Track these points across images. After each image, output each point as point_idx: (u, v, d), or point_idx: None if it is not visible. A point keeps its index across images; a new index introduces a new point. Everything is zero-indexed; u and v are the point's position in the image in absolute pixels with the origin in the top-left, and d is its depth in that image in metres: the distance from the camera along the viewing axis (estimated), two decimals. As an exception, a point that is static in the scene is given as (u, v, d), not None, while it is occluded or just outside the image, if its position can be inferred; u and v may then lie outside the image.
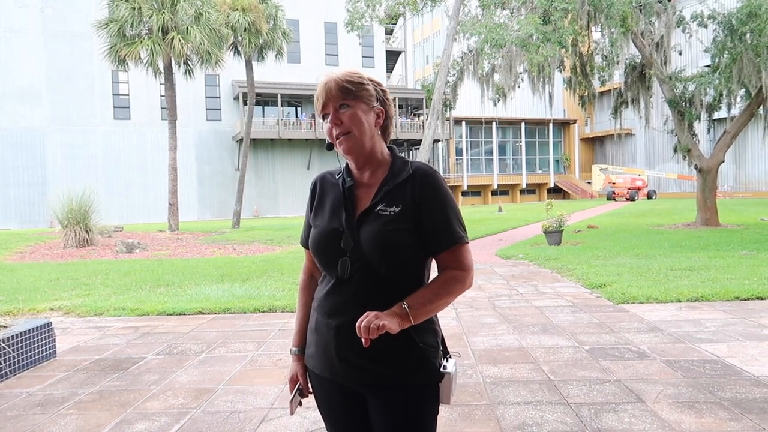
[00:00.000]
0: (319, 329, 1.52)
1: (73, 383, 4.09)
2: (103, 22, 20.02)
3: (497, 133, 48.07)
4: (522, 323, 5.53)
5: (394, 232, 1.42)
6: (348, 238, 1.44)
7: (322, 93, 1.46)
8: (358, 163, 1.50)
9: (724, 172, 38.75)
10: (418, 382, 1.47)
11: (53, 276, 9.62)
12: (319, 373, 1.54)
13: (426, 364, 1.47)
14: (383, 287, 1.44)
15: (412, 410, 1.46)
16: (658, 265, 8.81)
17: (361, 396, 1.51)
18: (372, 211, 1.45)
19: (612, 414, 3.24)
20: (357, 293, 1.44)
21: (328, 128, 1.47)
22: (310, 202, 1.60)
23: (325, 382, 1.54)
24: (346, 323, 1.44)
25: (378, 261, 1.42)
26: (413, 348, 1.46)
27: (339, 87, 1.45)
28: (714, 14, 15.69)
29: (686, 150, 16.78)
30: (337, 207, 1.50)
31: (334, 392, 1.54)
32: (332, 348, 1.47)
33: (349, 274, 1.44)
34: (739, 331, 4.99)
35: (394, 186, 1.47)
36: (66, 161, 32.01)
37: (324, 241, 1.48)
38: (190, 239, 17.55)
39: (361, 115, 1.45)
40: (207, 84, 34.58)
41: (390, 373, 1.45)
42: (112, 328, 5.88)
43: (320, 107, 1.48)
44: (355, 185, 1.52)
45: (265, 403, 3.59)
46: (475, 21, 16.47)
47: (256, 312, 6.42)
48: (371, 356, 1.43)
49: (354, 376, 1.47)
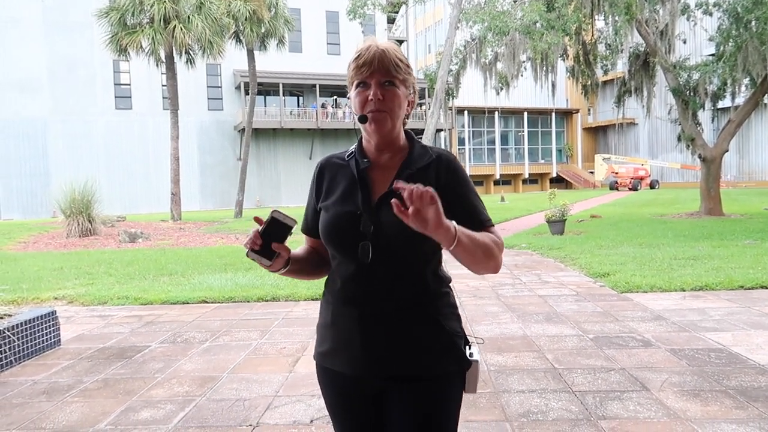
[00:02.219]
0: (338, 322, 1.43)
1: (78, 371, 4.10)
2: (103, 11, 19.92)
3: (500, 122, 47.93)
4: (526, 312, 5.52)
5: None
6: (367, 221, 1.36)
7: (371, 61, 1.36)
8: (380, 145, 1.42)
9: (727, 162, 38.61)
10: (447, 371, 1.41)
11: (57, 265, 9.64)
12: (338, 369, 1.44)
13: (454, 351, 1.42)
14: (406, 273, 1.38)
15: (439, 401, 1.40)
16: (661, 254, 8.79)
17: (378, 393, 1.43)
18: (393, 194, 1.31)
19: (617, 402, 3.23)
20: (380, 279, 1.37)
21: (362, 98, 1.37)
22: (315, 186, 1.50)
23: (342, 379, 1.44)
24: (370, 312, 1.37)
25: (401, 244, 1.34)
26: (441, 334, 1.41)
27: (391, 62, 1.37)
28: (719, 2, 15.55)
29: (690, 139, 16.70)
30: (352, 189, 1.41)
31: (350, 390, 1.45)
32: (356, 340, 1.39)
33: (371, 258, 1.35)
34: (744, 319, 4.98)
35: (417, 170, 1.41)
36: (68, 151, 32.00)
37: (339, 224, 1.39)
38: (193, 229, 17.56)
39: (401, 98, 1.39)
40: (208, 73, 34.47)
41: (420, 363, 1.38)
42: (116, 316, 5.89)
43: (363, 74, 1.36)
44: (370, 167, 1.44)
45: (269, 390, 3.59)
46: (478, 9, 16.36)
47: (259, 301, 6.43)
48: (400, 345, 1.37)
49: (381, 369, 1.39)
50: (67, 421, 3.21)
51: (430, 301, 1.42)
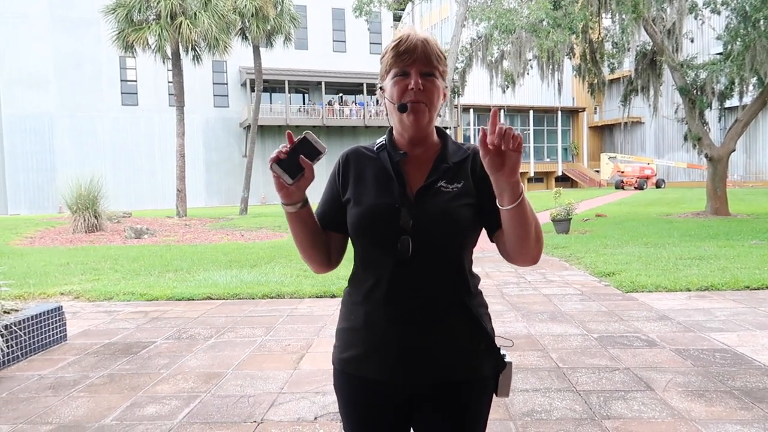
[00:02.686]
0: (371, 324, 1.33)
1: (84, 366, 4.12)
2: (110, 8, 19.97)
3: (505, 120, 47.80)
4: (530, 311, 5.52)
5: (460, 208, 1.32)
6: (406, 214, 1.29)
7: (413, 49, 1.31)
8: (415, 137, 1.36)
9: (734, 161, 38.40)
10: (486, 373, 1.36)
11: (63, 261, 9.69)
12: (370, 376, 1.34)
13: (492, 353, 1.37)
14: (447, 269, 1.32)
15: (474, 407, 1.35)
16: (667, 254, 8.77)
17: (407, 401, 1.36)
18: (432, 188, 1.33)
19: (621, 402, 3.23)
20: (420, 277, 1.30)
21: (401, 87, 1.31)
22: (341, 177, 1.40)
23: (371, 386, 1.35)
24: (410, 313, 1.30)
25: (442, 238, 1.30)
26: (481, 336, 1.35)
27: (432, 52, 1.33)
28: (727, 0, 15.45)
29: (696, 138, 16.61)
30: (386, 182, 1.34)
31: (379, 398, 1.35)
32: (394, 344, 1.30)
33: (411, 254, 1.28)
34: (750, 320, 4.97)
35: (453, 164, 1.36)
36: (74, 147, 32.12)
37: (376, 217, 1.30)
38: (198, 225, 17.61)
39: (440, 90, 1.35)
40: (214, 70, 34.52)
41: (460, 368, 1.33)
42: (122, 312, 5.92)
43: (404, 62, 1.32)
44: (403, 161, 1.37)
45: (274, 387, 3.61)
46: (485, 6, 16.31)
47: (264, 298, 6.44)
48: (442, 349, 1.31)
49: (420, 376, 1.31)
50: (73, 415, 3.23)
51: (469, 300, 1.36)
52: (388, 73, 1.35)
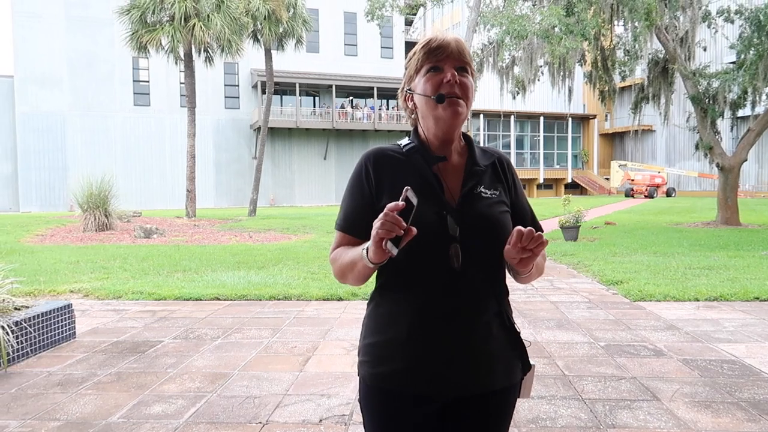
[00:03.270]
0: (417, 337, 1.27)
1: (92, 364, 4.16)
2: (124, 9, 20.15)
3: (515, 126, 47.73)
4: (537, 318, 5.51)
5: (501, 214, 1.32)
6: (452, 222, 1.26)
7: (447, 45, 1.31)
8: (447, 135, 1.33)
9: (746, 171, 38.08)
10: (518, 378, 1.37)
11: (73, 259, 9.77)
12: (414, 389, 1.29)
13: (523, 358, 1.38)
14: (492, 277, 1.30)
15: (504, 412, 1.36)
16: (676, 263, 8.72)
17: (442, 410, 1.33)
18: (473, 192, 1.31)
19: (627, 411, 3.22)
20: (467, 285, 1.27)
21: (436, 81, 1.29)
22: (374, 180, 1.32)
23: (408, 399, 1.30)
24: (459, 325, 1.27)
25: (488, 246, 1.27)
26: (516, 342, 1.36)
27: (465, 49, 1.33)
28: (741, 9, 15.37)
29: (708, 148, 16.51)
30: (425, 186, 1.27)
31: (417, 410, 1.30)
32: (440, 356, 1.27)
33: (460, 263, 1.25)
34: (759, 331, 4.93)
35: (485, 167, 1.36)
36: (86, 146, 32.40)
37: (423, 225, 1.19)
38: (207, 226, 17.70)
39: (473, 87, 1.33)
40: (226, 72, 34.73)
41: (498, 376, 1.32)
42: (130, 311, 5.96)
43: (438, 57, 1.30)
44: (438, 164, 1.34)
45: (279, 389, 3.62)
46: (497, 12, 16.32)
47: (271, 299, 6.47)
48: (486, 359, 1.30)
49: (466, 384, 1.29)
50: (81, 412, 3.26)
51: (506, 308, 1.36)
52: (418, 72, 1.33)
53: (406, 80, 1.38)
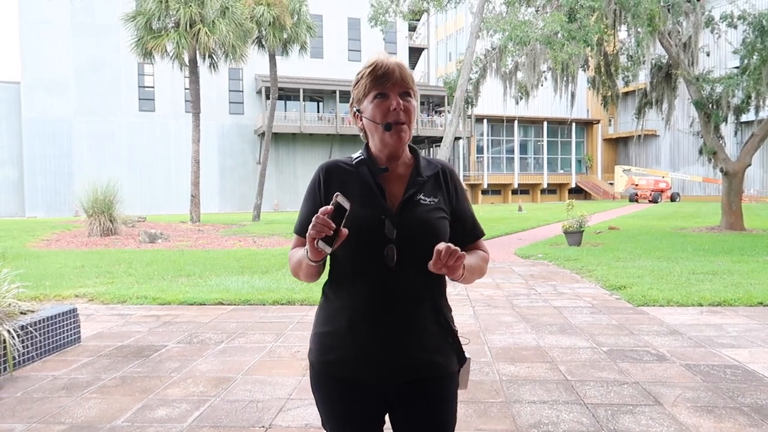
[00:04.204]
0: (356, 330, 1.41)
1: (97, 368, 4.19)
2: (130, 15, 20.31)
3: (519, 131, 47.75)
4: (540, 323, 5.51)
5: (438, 220, 1.46)
6: (390, 225, 1.40)
7: (392, 72, 1.43)
8: (394, 154, 1.48)
9: (750, 176, 37.95)
10: (454, 369, 1.50)
11: (78, 263, 9.82)
12: (355, 376, 1.43)
13: (457, 349, 1.50)
14: (426, 275, 1.39)
15: (446, 399, 1.48)
16: (680, 268, 8.70)
17: (385, 397, 1.46)
18: (412, 200, 1.45)
19: (629, 416, 3.22)
20: (403, 283, 1.41)
21: (384, 108, 1.42)
22: (323, 189, 1.47)
23: (353, 385, 1.44)
24: (395, 318, 1.40)
25: (423, 247, 1.37)
26: (449, 334, 1.49)
27: (408, 75, 1.46)
28: (744, 15, 15.38)
29: (712, 152, 16.49)
30: (368, 194, 1.43)
31: (361, 397, 1.45)
32: (378, 347, 1.40)
33: (396, 263, 1.39)
34: (762, 337, 4.92)
35: (427, 178, 1.49)
36: (92, 151, 32.58)
37: (363, 228, 1.37)
38: (211, 231, 17.75)
39: (416, 109, 1.48)
40: (230, 78, 34.90)
41: (436, 364, 1.45)
42: (135, 315, 5.99)
43: (383, 85, 1.43)
44: (381, 175, 1.48)
45: (283, 393, 3.64)
46: (500, 18, 16.36)
47: (275, 304, 6.49)
48: (421, 348, 1.42)
49: (402, 374, 1.42)
50: (86, 416, 3.28)
51: (443, 302, 1.50)
52: (366, 96, 1.46)
53: (355, 101, 1.50)
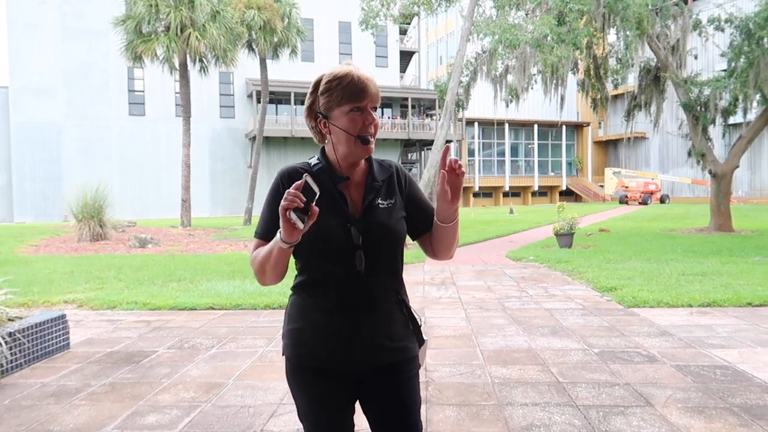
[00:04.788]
0: (329, 325, 1.50)
1: (86, 375, 4.15)
2: (120, 19, 20.22)
3: (509, 134, 47.92)
4: (531, 325, 5.52)
5: (397, 222, 1.56)
6: (356, 231, 1.48)
7: (366, 88, 1.50)
8: (356, 163, 1.57)
9: (738, 178, 38.31)
10: (415, 352, 1.62)
11: (67, 269, 9.74)
12: (328, 366, 1.52)
13: (418, 332, 1.63)
14: (390, 273, 1.55)
15: (410, 378, 1.61)
16: (669, 269, 8.76)
17: (357, 388, 1.58)
18: (372, 205, 1.54)
19: (620, 417, 3.23)
20: (370, 283, 1.51)
21: (359, 122, 1.50)
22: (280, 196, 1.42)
23: (326, 374, 1.53)
24: (364, 312, 1.51)
25: (387, 249, 1.52)
26: (411, 321, 1.62)
27: (378, 91, 1.54)
28: (731, 18, 15.53)
29: (700, 154, 16.63)
30: (332, 202, 1.49)
31: (332, 383, 1.54)
32: (349, 339, 1.50)
33: (364, 266, 1.48)
34: (751, 337, 4.96)
35: (382, 182, 1.58)
36: (81, 156, 32.36)
37: (330, 235, 1.46)
38: (202, 235, 17.68)
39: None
40: (221, 81, 34.81)
41: (400, 350, 1.57)
42: (125, 321, 5.95)
43: (359, 99, 1.49)
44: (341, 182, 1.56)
45: (274, 398, 3.62)
46: (490, 21, 16.43)
47: (266, 308, 6.47)
48: (388, 337, 1.54)
49: (372, 361, 1.53)
50: (75, 423, 3.25)
51: (404, 295, 1.62)
52: (339, 106, 1.50)
53: (322, 106, 1.53)
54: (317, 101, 1.54)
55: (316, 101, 1.55)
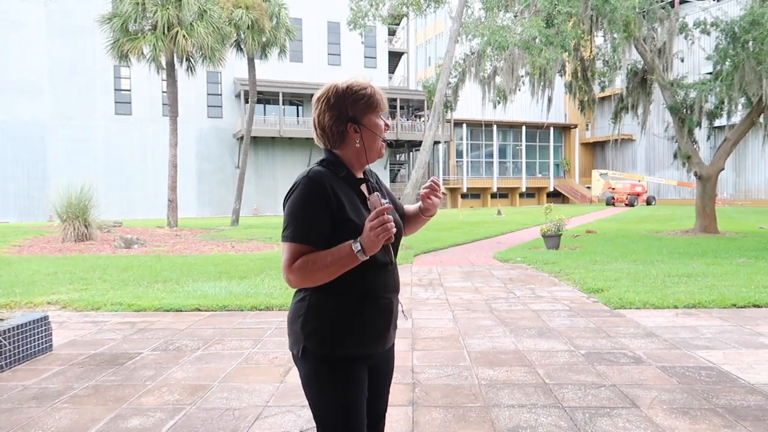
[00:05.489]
0: (370, 311, 1.67)
1: (69, 377, 4.09)
2: (106, 17, 20.02)
3: (498, 135, 48.10)
4: (518, 326, 5.53)
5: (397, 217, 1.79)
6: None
7: (384, 100, 1.72)
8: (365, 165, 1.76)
9: (723, 180, 38.78)
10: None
11: (51, 270, 9.62)
12: (368, 351, 1.69)
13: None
14: (399, 263, 1.79)
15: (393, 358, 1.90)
16: (655, 271, 8.82)
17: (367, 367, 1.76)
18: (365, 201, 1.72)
19: (606, 418, 3.24)
20: (395, 273, 1.75)
21: (382, 127, 1.71)
22: (333, 200, 1.60)
23: (360, 363, 1.68)
24: (393, 299, 1.74)
25: (400, 242, 1.77)
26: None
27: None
28: (717, 22, 15.70)
29: (686, 157, 16.79)
30: (357, 202, 1.67)
31: (363, 372, 1.70)
32: (389, 321, 1.72)
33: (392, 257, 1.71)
34: (736, 338, 5.00)
35: (376, 183, 1.81)
36: (67, 155, 32.01)
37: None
38: (189, 236, 17.55)
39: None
40: (209, 81, 34.60)
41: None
42: (109, 323, 5.88)
43: (381, 109, 1.70)
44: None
45: (260, 400, 3.59)
46: (478, 23, 16.48)
47: (253, 310, 6.42)
48: (398, 318, 1.81)
49: (394, 336, 1.80)
50: (56, 427, 3.20)
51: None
52: (370, 112, 1.68)
53: (359, 112, 1.66)
54: (346, 108, 1.64)
55: (345, 108, 1.64)
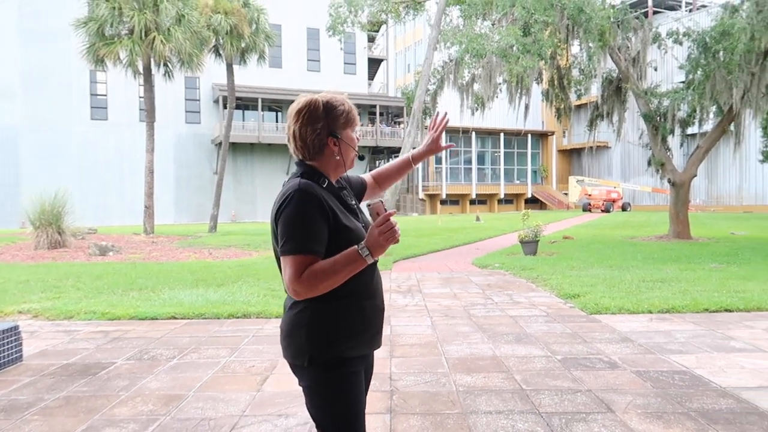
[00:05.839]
0: (371, 312, 1.76)
1: (39, 388, 4.00)
2: (81, 21, 19.74)
3: (476, 142, 48.45)
4: (496, 332, 5.56)
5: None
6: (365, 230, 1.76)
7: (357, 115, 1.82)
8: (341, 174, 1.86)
9: (696, 186, 39.55)
10: None
11: (22, 278, 9.41)
12: (367, 351, 1.78)
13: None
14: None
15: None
16: (630, 276, 8.94)
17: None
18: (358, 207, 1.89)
19: (582, 424, 3.27)
20: (378, 271, 1.83)
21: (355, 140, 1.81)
22: (329, 212, 1.67)
23: (361, 363, 1.75)
24: (382, 298, 1.84)
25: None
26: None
27: None
28: (689, 32, 16.05)
29: (660, 164, 17.09)
30: (346, 209, 1.77)
31: (362, 373, 1.77)
32: (382, 319, 1.83)
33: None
34: (708, 342, 5.09)
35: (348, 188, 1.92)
36: (40, 161, 31.41)
37: (362, 235, 1.72)
38: (166, 243, 17.32)
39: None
40: (187, 86, 34.30)
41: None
42: (82, 332, 5.76)
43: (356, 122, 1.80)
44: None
45: (236, 410, 3.55)
46: (457, 31, 16.62)
47: (230, 317, 6.35)
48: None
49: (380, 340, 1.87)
50: (25, 440, 3.12)
51: None
52: (347, 127, 1.77)
53: (338, 127, 1.75)
54: (327, 123, 1.73)
55: (326, 122, 1.73)
